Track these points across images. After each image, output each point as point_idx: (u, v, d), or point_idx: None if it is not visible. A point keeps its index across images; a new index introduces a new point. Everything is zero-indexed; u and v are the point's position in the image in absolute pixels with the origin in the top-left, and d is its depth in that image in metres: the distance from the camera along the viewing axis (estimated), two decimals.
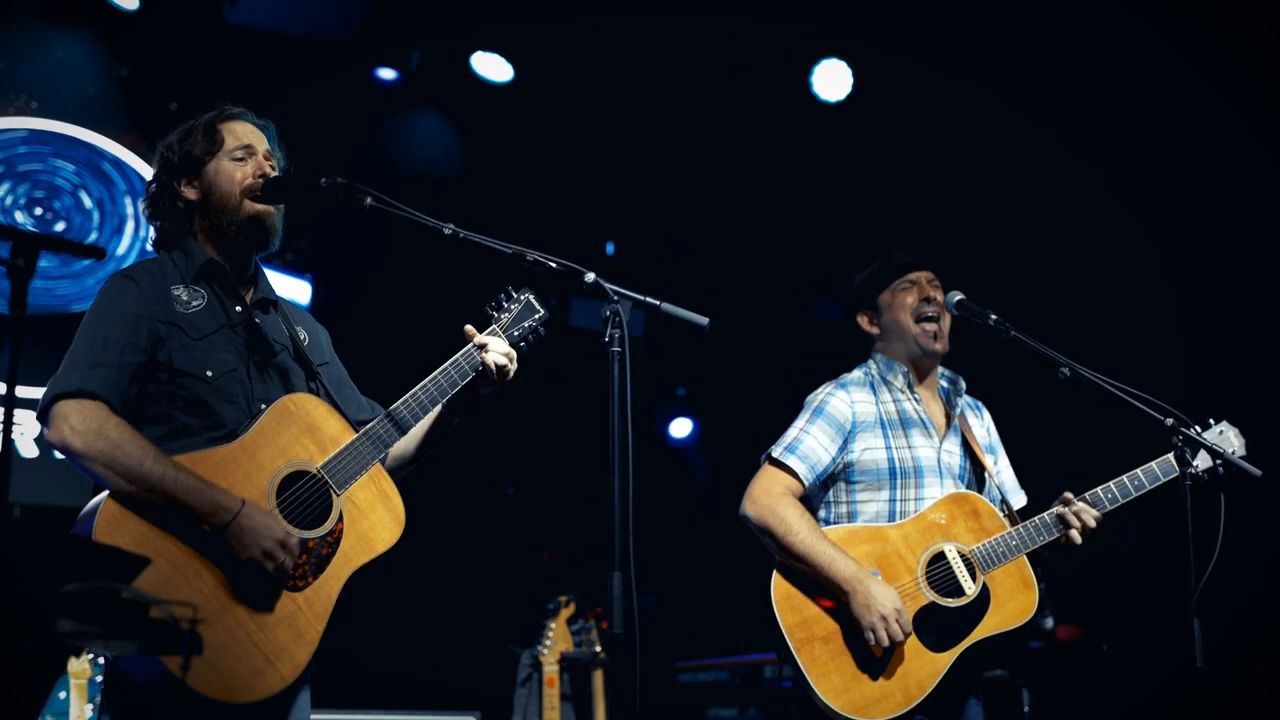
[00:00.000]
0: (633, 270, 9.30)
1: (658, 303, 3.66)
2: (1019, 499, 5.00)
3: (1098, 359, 4.53)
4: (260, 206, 3.92)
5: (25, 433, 8.29)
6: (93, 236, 8.58)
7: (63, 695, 6.10)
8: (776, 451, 4.84)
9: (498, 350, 3.94)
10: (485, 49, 9.02)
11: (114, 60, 8.62)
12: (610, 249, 9.69)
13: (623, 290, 3.60)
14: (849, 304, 5.13)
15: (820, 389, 4.98)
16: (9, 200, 8.44)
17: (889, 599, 4.52)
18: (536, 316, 4.07)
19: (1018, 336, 4.56)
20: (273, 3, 8.23)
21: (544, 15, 8.55)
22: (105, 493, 3.58)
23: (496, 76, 9.15)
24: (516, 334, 4.04)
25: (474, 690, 7.53)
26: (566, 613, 7.07)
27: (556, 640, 6.98)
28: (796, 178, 9.39)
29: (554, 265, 3.69)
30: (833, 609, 4.62)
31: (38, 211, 8.51)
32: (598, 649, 7.03)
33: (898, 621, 4.50)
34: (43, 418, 3.65)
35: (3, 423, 2.61)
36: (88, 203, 8.62)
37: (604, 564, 3.43)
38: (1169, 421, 4.45)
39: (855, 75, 8.99)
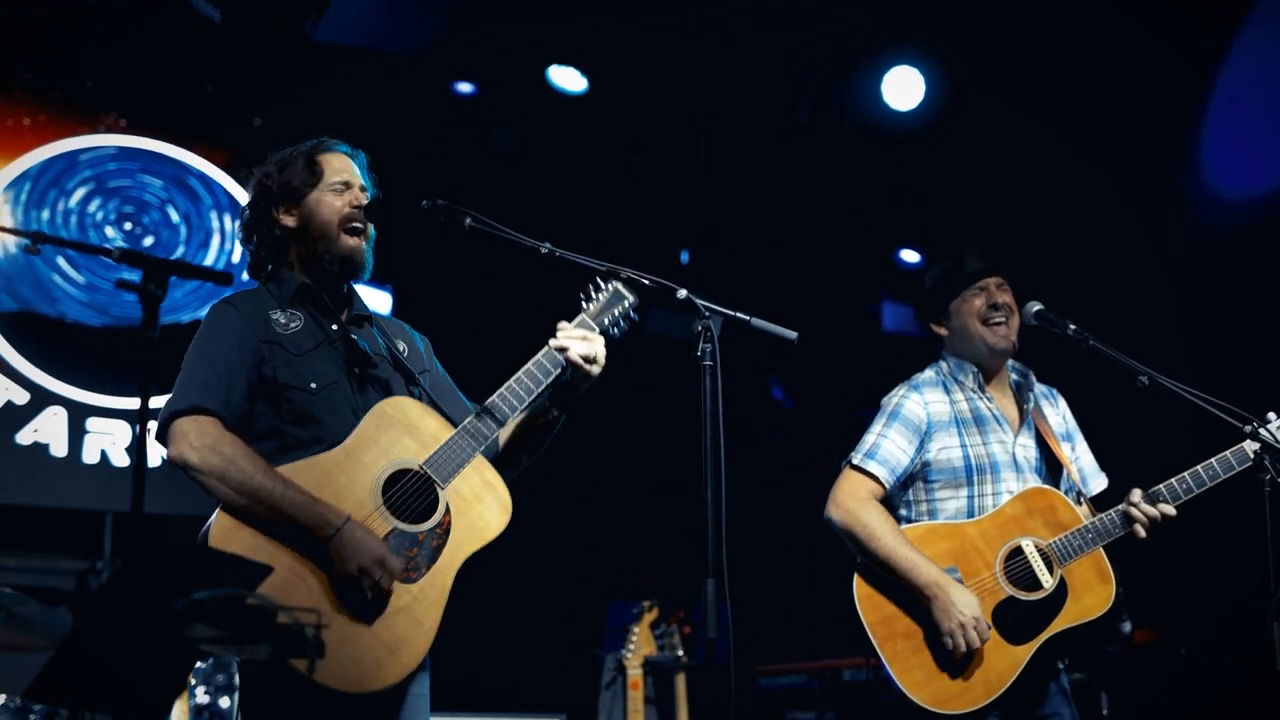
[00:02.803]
0: (706, 279, 9.41)
1: (748, 318, 3.75)
2: (1100, 482, 5.06)
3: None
4: (353, 242, 4.09)
5: (117, 442, 8.51)
6: (179, 251, 8.78)
7: None
8: (857, 458, 4.93)
9: (578, 347, 3.99)
10: (560, 61, 9.14)
11: (200, 77, 8.82)
12: (685, 258, 9.78)
13: (714, 306, 3.69)
14: (919, 310, 5.21)
15: (894, 391, 5.06)
16: (99, 216, 8.66)
17: (969, 606, 4.60)
18: (626, 303, 4.11)
19: (1096, 346, 4.63)
20: (357, 19, 8.39)
21: (618, 25, 8.67)
22: (218, 509, 3.75)
23: (571, 88, 9.26)
24: (607, 321, 4.09)
25: (559, 693, 7.65)
26: (650, 617, 7.16)
27: (640, 644, 7.08)
28: (869, 184, 9.47)
29: (647, 283, 3.80)
30: (913, 608, 4.71)
31: (127, 226, 8.73)
32: (680, 653, 7.14)
33: (976, 628, 4.59)
34: (161, 437, 3.81)
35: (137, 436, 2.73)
36: (175, 217, 8.83)
37: (688, 569, 3.54)
38: (1248, 429, 4.51)
39: (928, 83, 9.06)
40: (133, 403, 8.53)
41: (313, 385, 3.93)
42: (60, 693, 2.68)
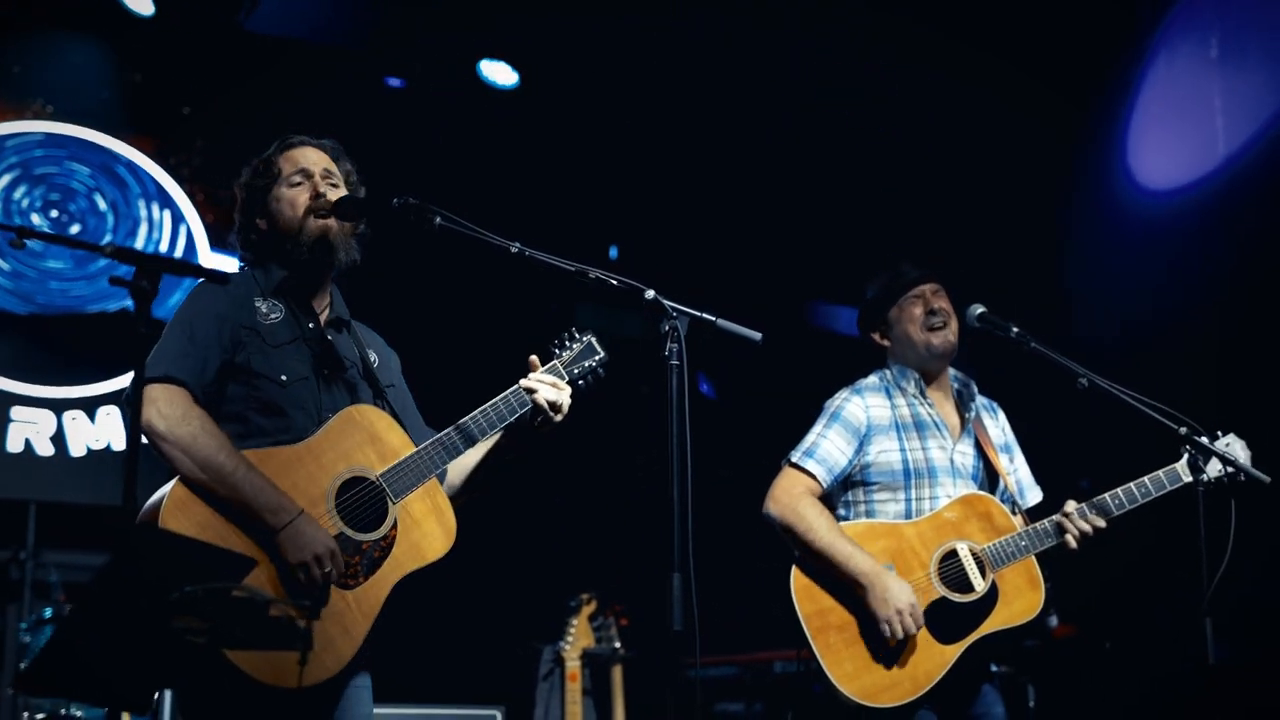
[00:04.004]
0: (636, 274, 9.44)
1: (714, 318, 3.83)
2: (1035, 495, 5.20)
3: (1098, 364, 4.72)
4: (321, 223, 4.10)
5: (42, 431, 8.43)
6: (107, 238, 8.72)
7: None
8: (795, 456, 5.05)
9: (546, 392, 4.08)
10: (492, 55, 9.17)
11: (129, 65, 8.76)
12: (614, 253, 9.84)
13: (681, 306, 3.77)
14: (861, 323, 5.33)
15: (837, 395, 5.18)
16: (25, 203, 8.58)
17: (904, 594, 4.72)
18: (597, 358, 4.23)
19: (1038, 349, 4.74)
20: (289, 10, 8.38)
21: (550, 21, 8.70)
22: (174, 479, 3.76)
23: (502, 81, 9.30)
24: (576, 372, 4.19)
25: (497, 685, 7.68)
26: (588, 609, 7.21)
27: (578, 636, 7.13)
28: (800, 182, 9.56)
29: (615, 283, 3.86)
30: (848, 601, 4.83)
31: (53, 214, 8.65)
32: (617, 645, 7.20)
33: (911, 615, 4.71)
34: (131, 400, 3.82)
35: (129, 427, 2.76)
36: (102, 205, 8.76)
37: (627, 562, 3.61)
38: (1182, 430, 4.64)
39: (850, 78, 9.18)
40: (57, 391, 8.48)
41: (283, 378, 3.96)
42: (47, 684, 2.71)
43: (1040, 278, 8.56)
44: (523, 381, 4.10)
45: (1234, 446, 4.81)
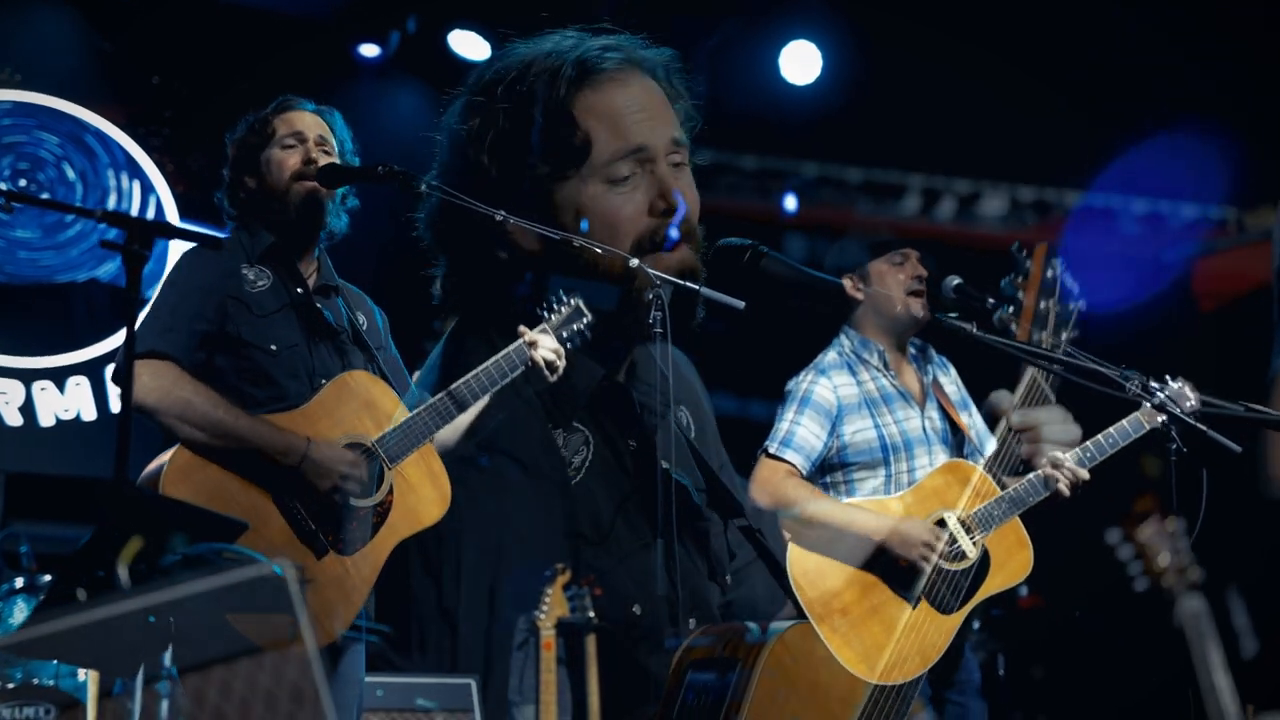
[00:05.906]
0: None
1: (697, 287, 3.86)
2: (991, 447, 5.25)
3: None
4: (309, 185, 4.12)
5: (10, 401, 8.38)
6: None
7: (81, 676, 6.18)
8: (773, 447, 5.08)
9: (547, 347, 4.13)
10: (464, 27, 9.13)
11: (98, 34, 8.70)
12: (585, 226, 9.82)
13: (664, 275, 3.80)
14: (837, 262, 5.32)
15: (802, 377, 5.20)
16: None
17: (916, 526, 4.79)
18: (585, 320, 4.27)
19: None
20: None
21: None
22: (174, 447, 3.78)
23: (475, 55, 9.26)
24: (565, 334, 4.23)
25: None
26: (563, 579, 7.18)
27: (553, 606, 7.11)
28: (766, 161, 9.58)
29: (599, 251, 3.89)
30: (848, 581, 4.86)
31: (21, 183, 8.56)
32: (591, 614, 7.18)
33: (936, 538, 4.76)
34: (118, 379, 3.85)
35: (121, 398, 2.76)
36: (71, 175, 8.69)
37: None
38: (1130, 385, 4.63)
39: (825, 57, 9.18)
40: (25, 361, 8.42)
41: (273, 347, 4.00)
42: (47, 646, 2.72)
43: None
44: (527, 335, 4.13)
45: (1184, 389, 4.77)
